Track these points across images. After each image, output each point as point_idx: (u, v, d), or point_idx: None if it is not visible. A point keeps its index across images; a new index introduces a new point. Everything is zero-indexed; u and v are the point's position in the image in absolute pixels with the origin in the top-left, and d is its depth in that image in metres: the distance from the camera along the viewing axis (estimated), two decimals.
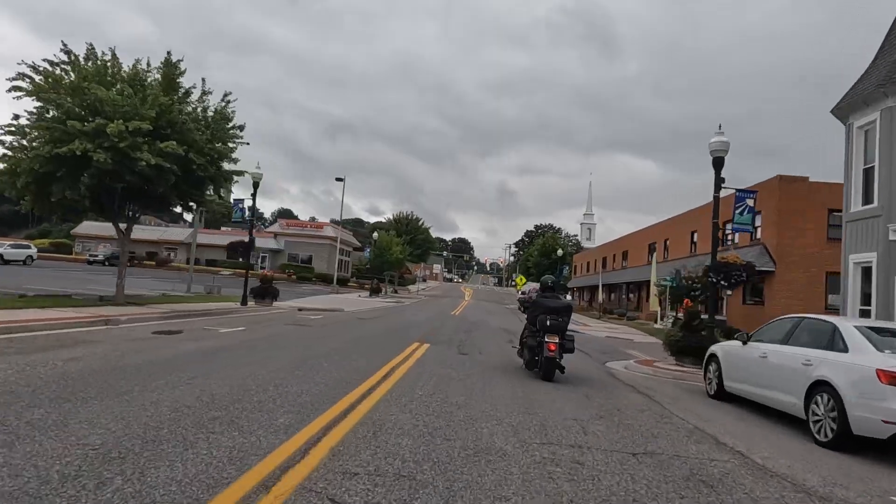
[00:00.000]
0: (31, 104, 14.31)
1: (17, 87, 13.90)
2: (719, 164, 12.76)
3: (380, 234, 59.16)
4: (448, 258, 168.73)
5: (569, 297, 61.92)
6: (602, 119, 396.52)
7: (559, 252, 64.67)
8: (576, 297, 68.06)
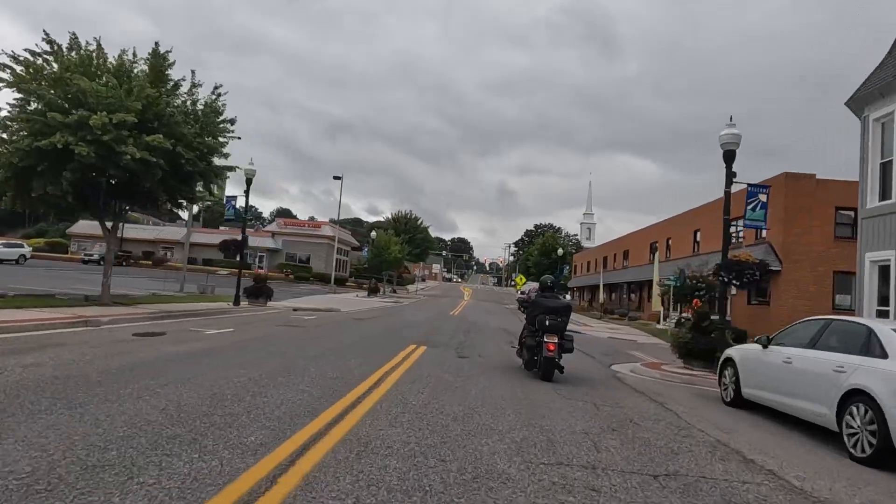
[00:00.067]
0: (11, 96, 13.78)
1: None
2: (730, 157, 12.16)
3: (378, 234, 58.51)
4: (447, 258, 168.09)
5: (568, 296, 61.34)
6: (602, 119, 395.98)
7: (559, 251, 64.07)
8: (576, 296, 67.47)
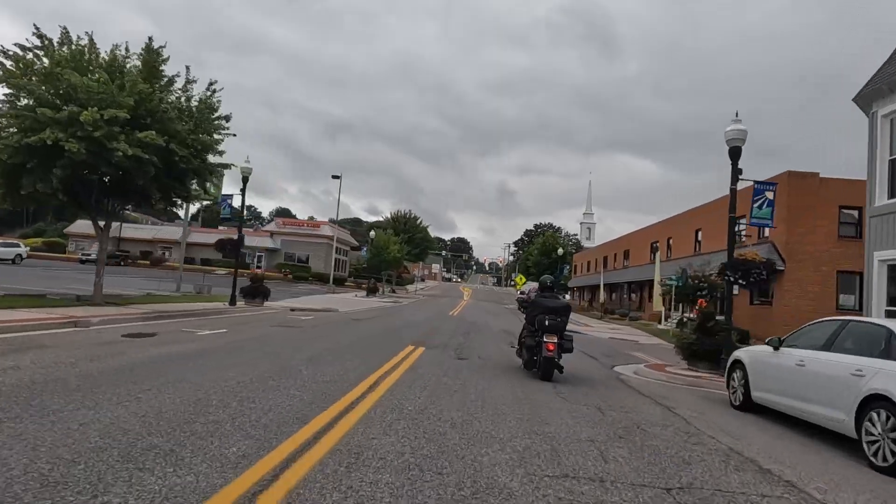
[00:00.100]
0: (0, 91, 13.49)
1: None
2: (736, 153, 11.87)
3: (377, 233, 58.17)
4: (447, 258, 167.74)
5: (567, 296, 61.04)
6: (602, 119, 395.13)
7: (559, 251, 63.79)
8: (576, 296, 67.17)
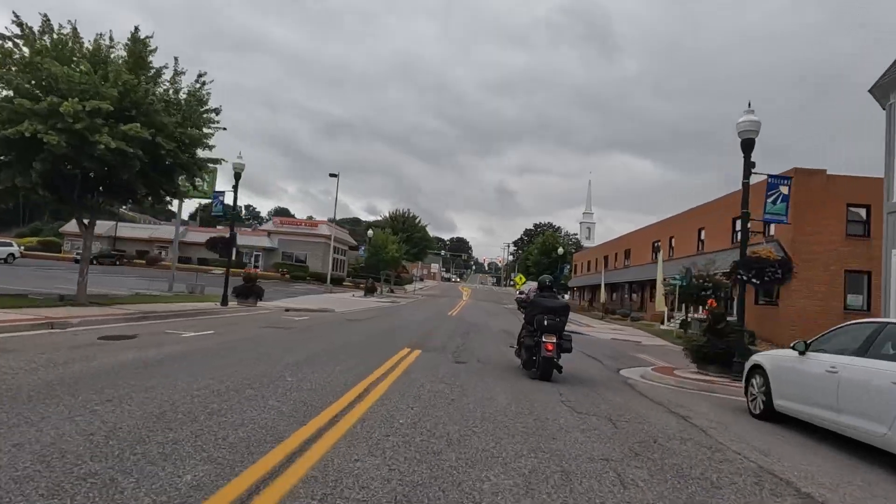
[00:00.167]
0: None
1: None
2: (749, 146, 11.27)
3: (375, 232, 57.53)
4: (446, 258, 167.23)
5: (567, 296, 60.47)
6: (602, 119, 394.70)
7: (560, 250, 63.19)
8: (576, 296, 66.59)
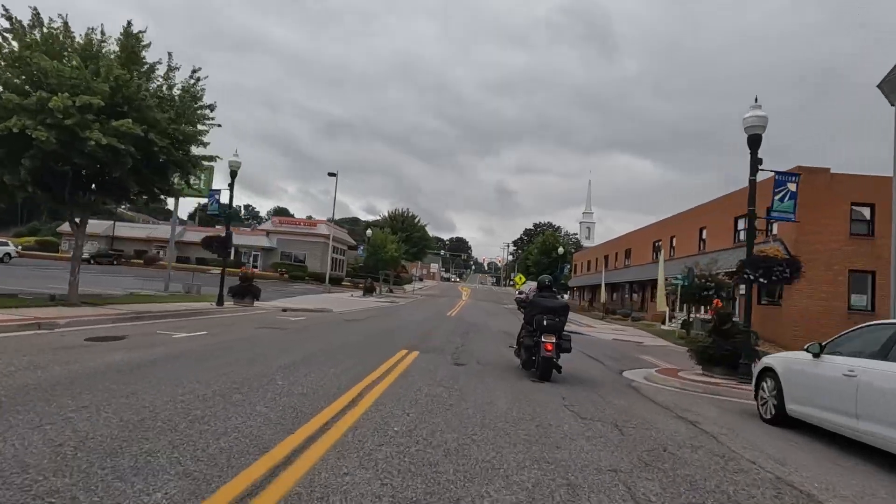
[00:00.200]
0: None
1: None
2: (756, 142, 10.99)
3: (374, 232, 57.21)
4: (446, 257, 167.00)
5: (566, 296, 60.21)
6: (602, 119, 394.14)
7: (560, 250, 62.91)
8: (576, 296, 66.31)
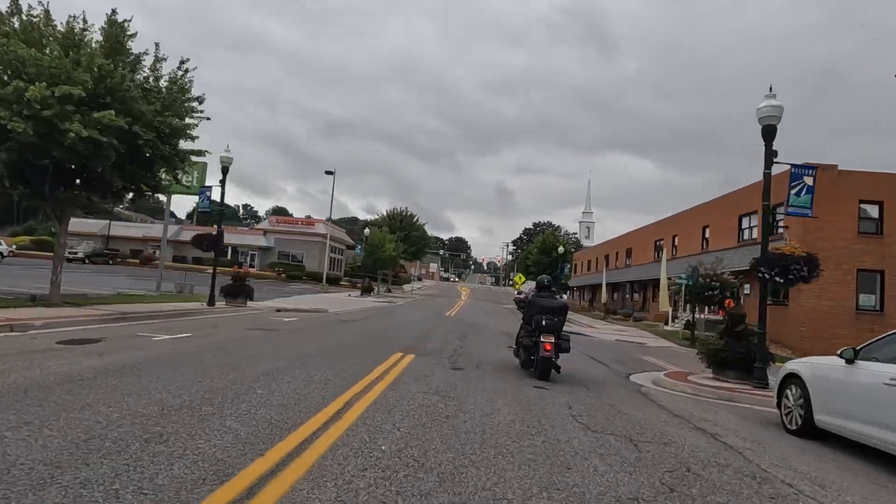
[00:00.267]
0: None
1: None
2: (770, 133, 10.45)
3: (372, 231, 56.61)
4: (445, 257, 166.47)
5: (566, 296, 59.63)
6: (602, 119, 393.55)
7: (560, 249, 62.35)
8: (576, 296, 65.76)
